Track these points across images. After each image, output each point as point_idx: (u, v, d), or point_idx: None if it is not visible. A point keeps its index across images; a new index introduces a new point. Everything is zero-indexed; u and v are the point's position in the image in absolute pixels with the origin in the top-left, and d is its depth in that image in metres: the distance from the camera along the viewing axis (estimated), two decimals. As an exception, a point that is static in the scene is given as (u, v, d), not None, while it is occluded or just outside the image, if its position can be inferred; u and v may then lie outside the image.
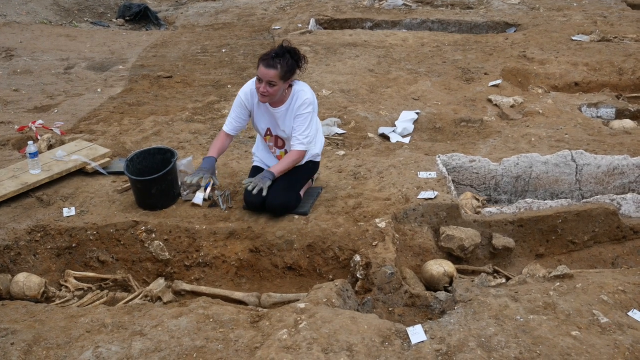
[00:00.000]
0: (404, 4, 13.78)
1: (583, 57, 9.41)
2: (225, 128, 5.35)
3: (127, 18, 14.42)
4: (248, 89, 5.17)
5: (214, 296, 4.75)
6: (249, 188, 5.01)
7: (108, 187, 5.84)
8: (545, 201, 5.57)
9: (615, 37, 10.58)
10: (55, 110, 8.07)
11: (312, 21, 12.62)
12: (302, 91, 5.10)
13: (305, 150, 5.18)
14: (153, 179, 5.32)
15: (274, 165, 5.18)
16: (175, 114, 7.75)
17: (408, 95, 8.29)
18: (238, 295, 4.84)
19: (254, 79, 5.04)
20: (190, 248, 5.21)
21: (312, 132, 5.19)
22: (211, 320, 4.06)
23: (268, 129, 5.29)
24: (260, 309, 4.36)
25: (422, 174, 5.76)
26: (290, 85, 5.11)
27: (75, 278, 5.13)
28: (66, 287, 5.07)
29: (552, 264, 5.29)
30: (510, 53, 9.83)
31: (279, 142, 5.34)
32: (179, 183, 5.63)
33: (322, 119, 7.37)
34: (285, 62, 4.85)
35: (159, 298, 4.86)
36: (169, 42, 11.84)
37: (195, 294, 4.91)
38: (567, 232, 5.43)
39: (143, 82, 9.27)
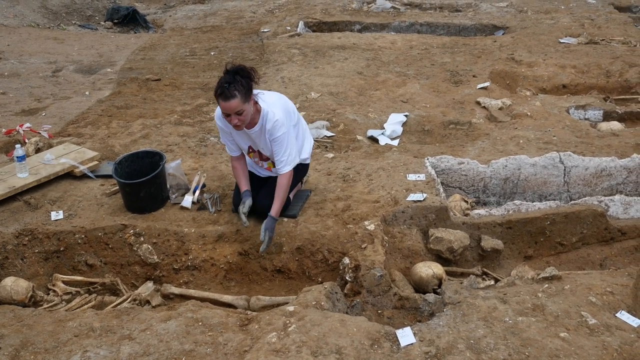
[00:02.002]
0: (392, 7, 13.80)
1: (571, 59, 9.45)
2: (230, 153, 5.25)
3: (116, 21, 14.37)
4: (220, 114, 4.93)
5: (202, 299, 4.74)
6: (261, 252, 4.98)
7: (96, 191, 5.82)
8: (534, 203, 5.59)
9: (603, 40, 10.64)
10: (43, 114, 8.04)
11: (300, 24, 12.62)
12: (271, 112, 4.88)
13: (292, 170, 5.06)
14: (142, 182, 5.31)
15: (273, 208, 5.01)
16: (164, 117, 7.73)
17: (397, 97, 8.30)
18: (227, 298, 4.84)
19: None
20: (179, 251, 5.19)
21: (294, 149, 5.05)
22: (200, 323, 4.05)
23: (250, 147, 5.21)
24: (249, 312, 4.35)
25: (411, 177, 5.77)
26: (257, 102, 4.90)
27: (64, 282, 5.10)
28: (54, 291, 5.05)
29: (540, 265, 5.31)
30: (498, 56, 9.86)
31: (263, 156, 5.25)
32: (168, 186, 5.62)
33: (310, 122, 7.37)
34: (240, 84, 4.64)
35: (148, 302, 4.85)
36: (158, 45, 11.81)
37: (184, 297, 4.89)
38: (555, 233, 5.45)
39: (131, 85, 9.25)
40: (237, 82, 4.62)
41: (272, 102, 4.96)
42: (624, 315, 3.97)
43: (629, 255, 5.45)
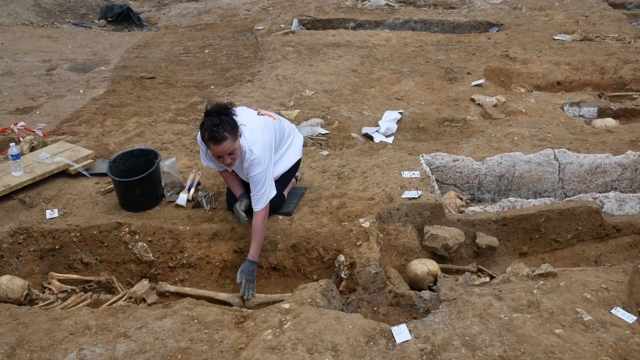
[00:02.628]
0: (386, 4, 13.80)
1: (565, 56, 9.46)
2: (217, 169, 5.18)
3: (109, 19, 14.33)
4: (201, 140, 4.84)
5: (198, 297, 4.74)
6: (244, 297, 4.76)
7: (91, 189, 5.82)
8: (529, 200, 5.60)
9: (597, 37, 10.65)
10: (38, 112, 8.02)
11: (295, 21, 12.61)
12: (249, 150, 4.76)
13: (266, 207, 4.91)
14: (136, 180, 5.30)
15: (250, 252, 4.87)
16: (159, 114, 7.72)
17: (391, 95, 8.30)
18: (222, 296, 4.83)
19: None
20: (174, 249, 5.19)
21: (270, 186, 4.92)
22: (196, 321, 4.05)
23: (233, 170, 5.18)
24: (244, 309, 4.35)
25: (406, 174, 5.77)
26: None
27: (59, 280, 5.10)
28: (50, 289, 5.04)
29: (535, 262, 5.32)
30: (493, 53, 9.87)
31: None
32: (163, 184, 5.61)
33: (305, 119, 7.37)
34: (227, 124, 4.55)
35: (143, 299, 4.84)
36: (152, 43, 11.79)
37: (180, 295, 4.89)
38: (550, 230, 5.46)
39: (126, 83, 9.23)
40: (224, 122, 4.53)
41: (252, 137, 4.81)
42: (619, 312, 3.98)
43: (624, 251, 5.47)
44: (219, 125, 4.50)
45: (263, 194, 4.85)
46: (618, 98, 8.45)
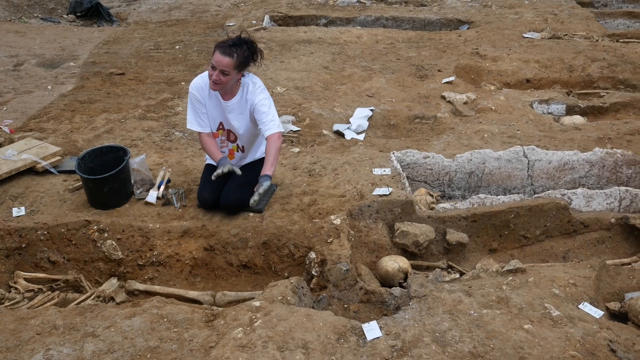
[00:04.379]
0: (358, 1, 13.81)
1: (534, 54, 9.54)
2: (200, 129, 5.25)
3: (79, 14, 14.17)
4: (197, 84, 5.16)
5: (168, 296, 4.71)
6: (253, 203, 4.89)
7: (59, 186, 5.75)
8: (498, 197, 5.64)
9: (566, 35, 10.75)
10: (4, 108, 7.91)
11: (266, 18, 12.58)
12: (252, 83, 5.09)
13: (281, 131, 5.09)
14: (105, 177, 5.25)
15: (265, 167, 4.97)
16: (128, 111, 7.65)
17: (362, 92, 8.32)
18: (192, 294, 4.81)
19: (204, 73, 5.06)
20: (143, 247, 5.15)
21: (276, 114, 5.13)
22: (165, 320, 4.02)
23: (220, 123, 5.23)
24: (215, 308, 4.34)
25: (377, 171, 5.78)
26: (243, 76, 5.10)
27: (25, 279, 5.03)
28: (16, 288, 4.97)
29: (505, 258, 5.36)
30: (463, 50, 9.92)
31: (231, 136, 5.27)
32: (132, 181, 5.56)
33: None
34: (242, 52, 4.83)
35: (112, 298, 4.80)
36: (122, 39, 11.69)
37: (149, 293, 4.86)
38: (519, 226, 5.50)
39: (95, 79, 9.13)
40: (242, 49, 4.84)
41: (254, 78, 5.16)
42: (587, 307, 4.03)
43: (591, 247, 5.53)
44: (236, 45, 4.85)
45: (273, 118, 5.03)
46: (586, 96, 8.54)
